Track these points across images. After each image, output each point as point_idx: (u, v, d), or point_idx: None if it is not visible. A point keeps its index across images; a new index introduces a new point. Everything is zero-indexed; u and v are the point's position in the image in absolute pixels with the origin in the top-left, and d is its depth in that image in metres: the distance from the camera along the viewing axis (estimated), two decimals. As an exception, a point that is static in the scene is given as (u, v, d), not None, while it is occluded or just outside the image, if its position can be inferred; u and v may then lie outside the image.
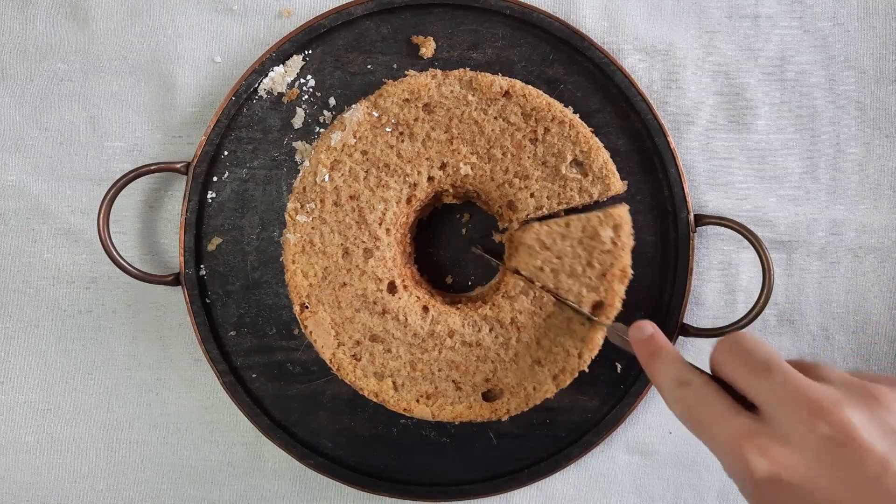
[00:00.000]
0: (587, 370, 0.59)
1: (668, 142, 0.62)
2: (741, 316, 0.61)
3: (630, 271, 0.58)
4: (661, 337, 0.50)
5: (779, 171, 0.64)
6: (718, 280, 0.65)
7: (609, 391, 0.63)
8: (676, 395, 0.44)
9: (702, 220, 0.62)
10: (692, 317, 0.64)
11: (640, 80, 0.63)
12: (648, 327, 0.51)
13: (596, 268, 0.58)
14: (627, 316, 0.60)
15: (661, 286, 0.62)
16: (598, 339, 0.58)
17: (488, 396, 0.59)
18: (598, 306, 0.58)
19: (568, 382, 0.58)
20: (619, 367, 0.62)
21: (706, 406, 0.41)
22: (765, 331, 0.65)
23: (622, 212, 0.58)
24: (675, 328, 0.62)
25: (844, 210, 0.64)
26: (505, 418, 0.59)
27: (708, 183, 0.64)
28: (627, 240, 0.58)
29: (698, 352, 0.65)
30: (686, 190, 0.62)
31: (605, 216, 0.58)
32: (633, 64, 0.64)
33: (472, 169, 0.58)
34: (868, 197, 0.64)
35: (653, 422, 0.65)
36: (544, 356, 0.58)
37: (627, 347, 0.53)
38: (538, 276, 0.58)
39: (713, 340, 0.64)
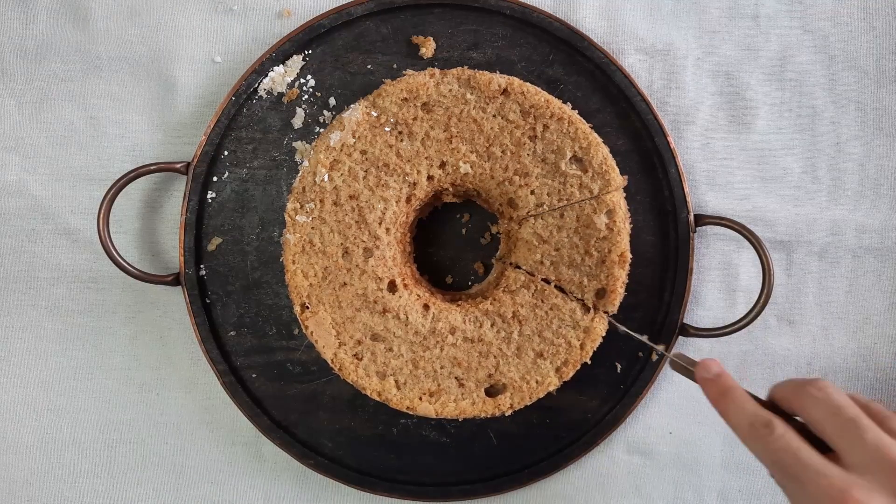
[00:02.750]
0: (589, 362, 0.59)
1: (668, 142, 0.62)
2: (741, 316, 0.61)
3: (629, 255, 0.58)
4: (728, 376, 0.51)
5: (779, 171, 0.64)
6: (718, 280, 0.64)
7: (609, 391, 0.63)
8: (757, 437, 0.46)
9: (702, 220, 0.62)
10: (692, 317, 0.64)
11: (640, 80, 0.63)
12: (714, 366, 0.52)
13: (594, 255, 0.58)
14: (628, 315, 0.60)
15: (661, 286, 0.62)
16: (601, 329, 0.58)
17: (491, 392, 0.59)
18: (600, 294, 0.58)
19: (571, 374, 0.58)
20: (619, 367, 0.62)
21: (794, 454, 0.45)
22: (765, 331, 0.65)
23: (615, 196, 0.58)
24: (675, 328, 0.62)
25: (844, 210, 0.64)
26: (508, 412, 0.58)
27: (708, 183, 0.64)
28: (623, 224, 0.58)
29: (698, 352, 0.64)
30: (686, 190, 0.62)
31: (599, 203, 0.58)
32: (633, 64, 0.64)
33: (471, 167, 0.58)
34: (868, 197, 0.64)
35: (653, 422, 0.65)
36: (546, 349, 0.58)
37: (688, 376, 0.54)
38: (539, 271, 0.58)
39: (713, 340, 0.64)
